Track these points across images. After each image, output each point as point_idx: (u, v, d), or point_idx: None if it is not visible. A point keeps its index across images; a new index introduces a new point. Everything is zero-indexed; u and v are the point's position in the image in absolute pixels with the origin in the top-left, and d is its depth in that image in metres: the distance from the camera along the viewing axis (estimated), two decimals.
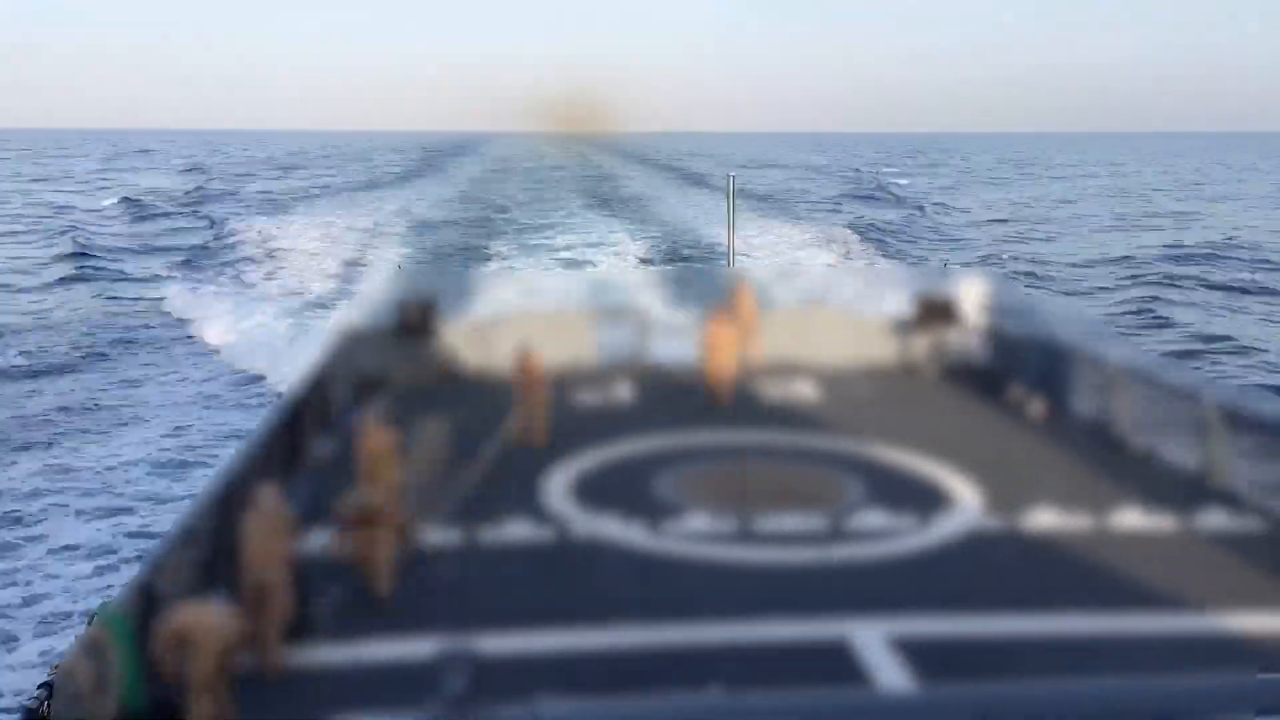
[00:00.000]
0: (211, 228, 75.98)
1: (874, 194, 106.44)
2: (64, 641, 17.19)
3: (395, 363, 12.95)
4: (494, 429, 11.50)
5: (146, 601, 6.12)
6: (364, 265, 55.12)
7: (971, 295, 13.89)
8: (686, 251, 60.59)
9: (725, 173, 30.50)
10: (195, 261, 60.94)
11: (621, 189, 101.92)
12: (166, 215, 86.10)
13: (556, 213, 79.28)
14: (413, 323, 13.45)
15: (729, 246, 31.36)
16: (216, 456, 27.88)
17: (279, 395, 10.56)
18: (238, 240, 66.81)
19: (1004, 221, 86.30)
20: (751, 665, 6.45)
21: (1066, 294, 51.82)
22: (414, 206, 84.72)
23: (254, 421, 9.62)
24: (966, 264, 59.76)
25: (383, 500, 7.66)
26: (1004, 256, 63.44)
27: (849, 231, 68.36)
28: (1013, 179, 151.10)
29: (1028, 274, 56.59)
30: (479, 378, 13.52)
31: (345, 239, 65.62)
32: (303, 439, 9.97)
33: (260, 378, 36.47)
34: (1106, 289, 53.58)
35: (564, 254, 59.31)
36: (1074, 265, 61.50)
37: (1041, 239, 74.67)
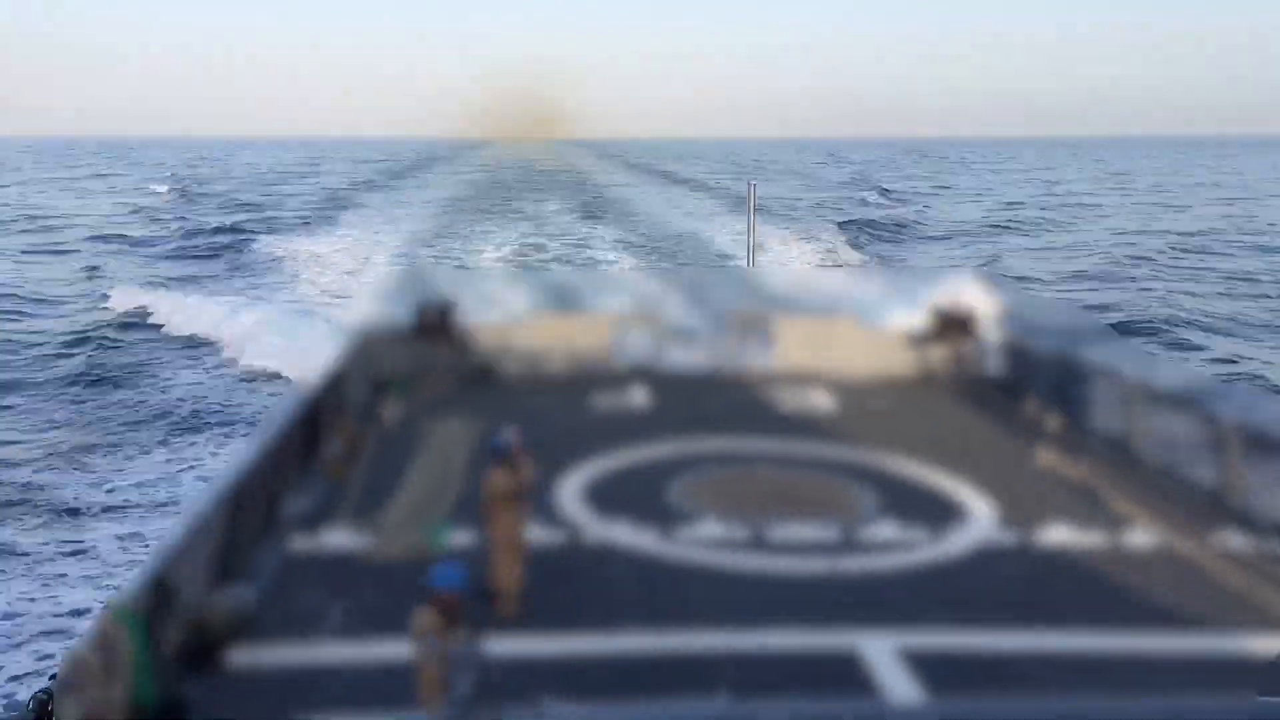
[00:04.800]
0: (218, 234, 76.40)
1: None
2: (75, 634, 17.28)
3: (412, 362, 12.98)
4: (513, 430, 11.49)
5: (158, 594, 6.15)
6: (376, 267, 55.24)
7: (989, 304, 13.83)
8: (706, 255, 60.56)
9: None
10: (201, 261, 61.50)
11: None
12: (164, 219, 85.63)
13: None
14: (430, 322, 13.48)
15: (749, 249, 31.39)
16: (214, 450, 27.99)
17: (295, 392, 10.61)
18: (245, 244, 67.25)
19: None
20: (760, 673, 6.44)
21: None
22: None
23: (269, 416, 9.64)
24: (984, 269, 59.52)
25: None
26: None
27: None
28: None
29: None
30: (498, 378, 13.54)
31: (358, 243, 65.83)
32: (318, 437, 10.01)
33: (272, 375, 36.68)
34: None
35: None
36: None
37: None
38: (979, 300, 13.91)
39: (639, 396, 12.83)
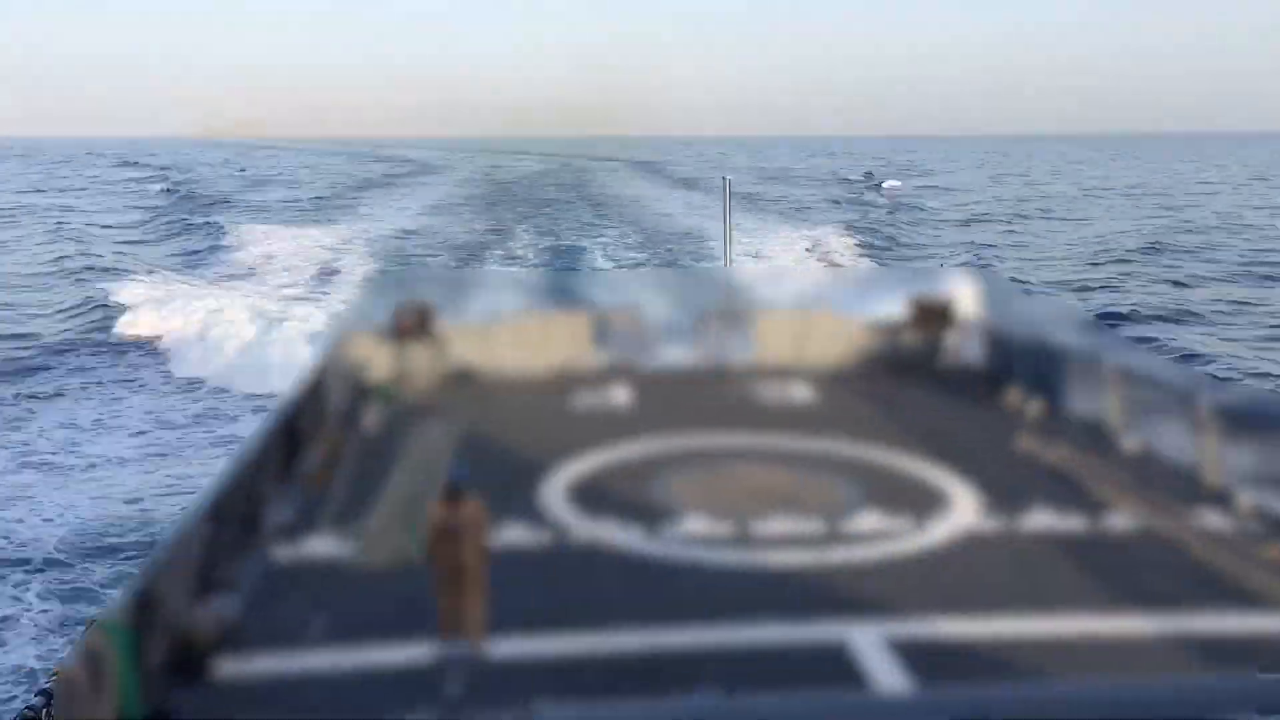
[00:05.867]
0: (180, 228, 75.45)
1: None
2: (62, 646, 17.20)
3: (392, 367, 12.97)
4: (496, 432, 11.53)
5: (145, 606, 6.13)
6: (348, 269, 54.86)
7: (968, 295, 13.91)
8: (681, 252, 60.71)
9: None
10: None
11: None
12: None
13: None
14: (410, 325, 13.46)
15: (725, 247, 31.55)
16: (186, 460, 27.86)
17: (277, 398, 10.58)
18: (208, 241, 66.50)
19: None
20: (749, 668, 6.46)
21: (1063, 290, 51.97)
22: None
23: (250, 426, 9.62)
24: (963, 262, 59.89)
25: None
26: None
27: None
28: None
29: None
30: (479, 379, 13.54)
31: (323, 243, 65.16)
32: (298, 445, 9.99)
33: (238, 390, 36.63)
34: None
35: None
36: None
37: None
38: (957, 290, 13.99)
39: (621, 395, 12.85)
